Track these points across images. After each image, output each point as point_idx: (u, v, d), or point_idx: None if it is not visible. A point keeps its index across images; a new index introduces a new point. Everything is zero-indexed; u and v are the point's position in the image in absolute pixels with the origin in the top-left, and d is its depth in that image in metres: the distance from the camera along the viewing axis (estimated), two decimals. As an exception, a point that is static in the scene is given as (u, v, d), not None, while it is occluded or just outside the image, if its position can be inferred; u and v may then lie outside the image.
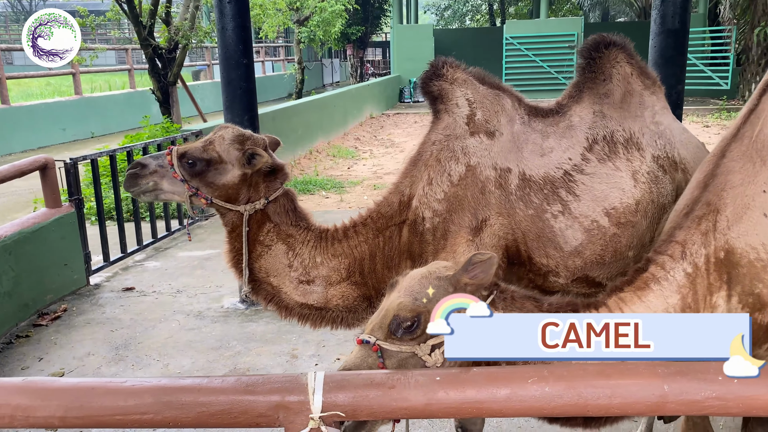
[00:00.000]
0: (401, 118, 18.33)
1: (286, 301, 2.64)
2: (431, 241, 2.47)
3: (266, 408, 1.48)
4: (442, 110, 2.61)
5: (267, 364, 4.28)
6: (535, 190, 2.51)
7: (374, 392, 1.47)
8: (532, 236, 2.48)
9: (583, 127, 2.68)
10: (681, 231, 1.95)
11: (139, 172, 2.54)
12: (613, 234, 2.52)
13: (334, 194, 9.26)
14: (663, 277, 1.90)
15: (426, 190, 2.50)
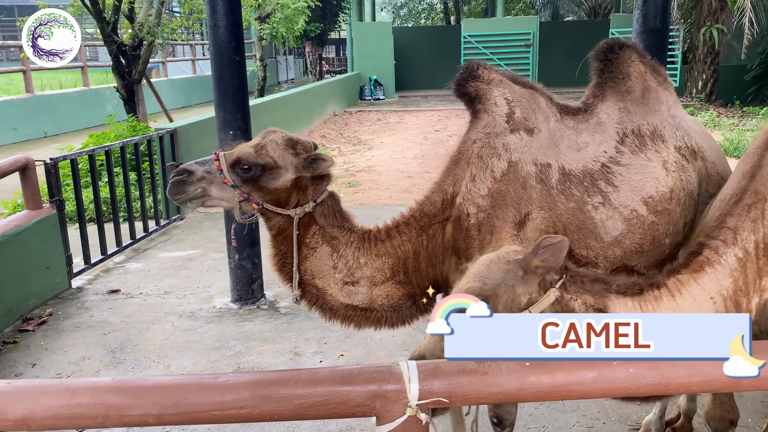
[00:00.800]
0: (364, 116, 18.35)
1: (330, 302, 2.64)
2: (476, 237, 2.53)
3: (364, 398, 1.51)
4: (480, 110, 2.67)
5: (271, 362, 4.27)
6: (575, 183, 2.60)
7: (468, 379, 1.53)
8: (573, 228, 2.56)
9: (612, 122, 2.79)
10: (732, 218, 2.08)
11: (187, 179, 2.47)
12: (651, 222, 2.63)
13: (309, 192, 9.23)
14: (716, 260, 2.02)
15: (470, 186, 2.55)
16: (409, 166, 10.96)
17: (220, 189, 2.49)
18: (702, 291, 2.01)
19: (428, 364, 1.57)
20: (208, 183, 2.48)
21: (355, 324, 2.70)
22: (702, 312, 2.00)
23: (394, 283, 2.60)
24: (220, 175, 2.46)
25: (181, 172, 2.51)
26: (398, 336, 4.59)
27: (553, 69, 24.41)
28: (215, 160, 2.49)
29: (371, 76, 22.32)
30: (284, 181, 2.51)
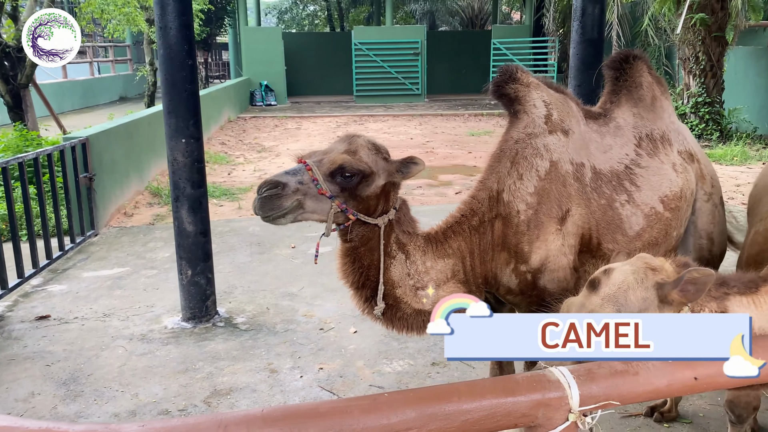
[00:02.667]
0: (260, 122, 17.95)
1: (404, 311, 2.55)
2: (526, 232, 2.58)
3: (528, 407, 1.49)
4: (520, 110, 2.72)
5: (248, 382, 4.06)
6: (605, 182, 2.75)
7: (621, 380, 1.55)
8: (603, 224, 2.70)
9: (629, 127, 2.98)
10: None
11: (281, 192, 2.27)
12: (666, 218, 2.84)
13: (228, 202, 8.89)
14: None
15: (518, 185, 2.60)
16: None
17: (315, 201, 2.31)
18: None
19: (579, 368, 1.58)
20: (303, 195, 2.29)
21: (419, 330, 2.62)
22: None
23: (456, 282, 2.59)
24: (316, 186, 2.30)
25: (273, 184, 2.27)
26: (372, 344, 4.54)
27: (439, 77, 25.29)
28: (308, 169, 2.31)
29: (262, 81, 21.89)
30: (376, 188, 2.40)
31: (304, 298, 5.40)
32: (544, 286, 2.61)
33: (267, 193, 2.28)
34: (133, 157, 8.90)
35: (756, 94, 14.39)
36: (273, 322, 4.95)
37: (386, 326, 2.63)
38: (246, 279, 5.87)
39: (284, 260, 6.37)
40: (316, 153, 2.44)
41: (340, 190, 2.34)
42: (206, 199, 4.90)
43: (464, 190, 9.42)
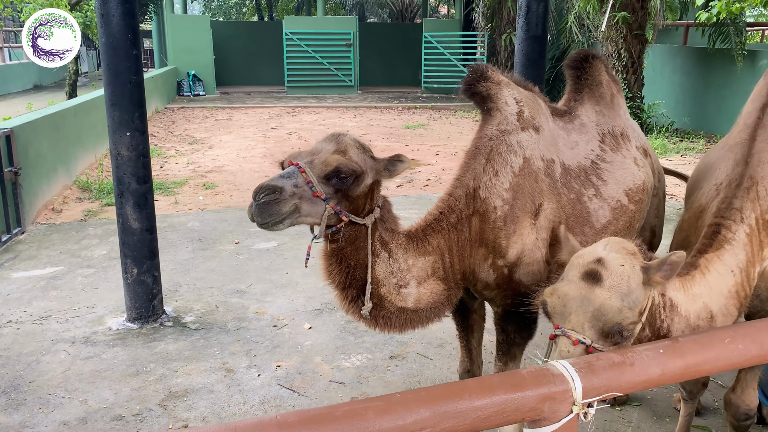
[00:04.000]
0: (189, 113, 17.41)
1: (388, 309, 2.52)
2: (503, 227, 2.62)
3: (536, 401, 1.53)
4: (493, 108, 2.75)
5: (204, 382, 3.95)
6: (573, 177, 2.83)
7: (620, 371, 1.62)
8: (573, 217, 2.78)
9: (592, 124, 3.07)
10: (737, 200, 2.45)
11: (279, 197, 2.18)
12: (631, 211, 2.96)
13: (163, 196, 8.58)
14: (732, 238, 2.37)
15: (494, 181, 2.63)
16: (261, 165, 10.67)
17: (310, 204, 2.24)
18: (724, 266, 2.34)
19: (579, 362, 1.63)
20: (299, 198, 2.21)
21: (401, 327, 2.62)
22: (725, 284, 2.32)
23: (435, 279, 2.60)
24: (311, 189, 2.23)
25: (270, 189, 2.18)
26: (328, 340, 4.51)
27: (371, 69, 25.31)
28: (301, 171, 2.23)
29: (189, 71, 21.23)
30: (365, 188, 2.36)
31: (254, 294, 5.31)
32: (519, 280, 2.67)
33: (265, 198, 2.18)
34: (60, 150, 8.45)
35: (672, 90, 15.22)
36: (224, 320, 4.83)
37: (370, 326, 2.61)
38: (191, 276, 5.70)
39: (229, 256, 6.22)
40: (302, 153, 2.38)
41: (333, 192, 2.30)
42: (152, 194, 4.72)
43: (405, 183, 9.49)
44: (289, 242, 6.59)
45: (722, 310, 2.34)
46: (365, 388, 3.91)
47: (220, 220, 7.43)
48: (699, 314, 2.28)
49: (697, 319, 2.27)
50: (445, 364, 4.20)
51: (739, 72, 13.08)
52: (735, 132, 2.83)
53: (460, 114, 18.03)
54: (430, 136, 14.17)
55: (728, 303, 2.36)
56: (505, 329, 2.80)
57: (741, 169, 2.58)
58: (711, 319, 2.31)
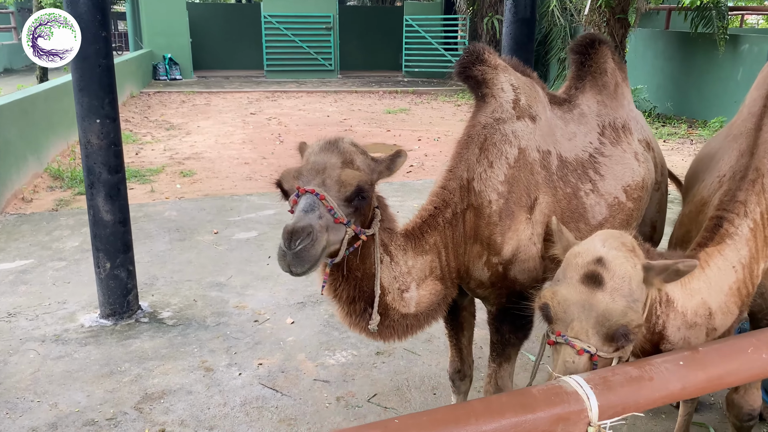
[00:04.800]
0: (166, 98, 16.98)
1: (391, 317, 2.33)
2: (498, 222, 2.46)
3: (548, 423, 1.39)
4: (488, 94, 2.58)
5: (182, 383, 3.77)
6: (570, 170, 2.68)
7: (638, 387, 1.48)
8: (568, 213, 2.63)
9: (593, 114, 2.92)
10: (741, 192, 2.31)
11: (314, 238, 1.93)
12: (629, 208, 2.81)
13: (139, 184, 8.31)
14: (734, 232, 2.23)
15: (489, 173, 2.47)
16: (241, 152, 10.41)
17: (334, 232, 2.03)
18: (725, 261, 2.21)
19: (593, 377, 1.48)
20: (326, 231, 2.00)
21: (403, 334, 2.43)
22: (726, 280, 2.19)
23: (433, 279, 2.43)
24: (333, 215, 2.00)
25: (303, 233, 1.91)
26: (311, 335, 4.35)
27: (352, 53, 24.93)
28: (321, 198, 1.99)
29: (165, 54, 20.70)
30: (371, 196, 2.17)
31: (234, 287, 5.12)
32: (515, 277, 2.52)
33: (301, 245, 1.92)
34: (29, 137, 8.12)
35: (654, 75, 15.16)
36: (202, 315, 4.64)
37: (373, 338, 2.41)
38: (168, 269, 5.48)
39: (207, 247, 6.01)
40: (304, 172, 2.09)
41: (353, 212, 2.09)
42: (125, 185, 4.49)
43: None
44: (269, 232, 6.39)
45: (722, 308, 2.21)
46: (351, 386, 3.76)
47: (198, 209, 7.20)
48: (697, 311, 2.15)
49: (695, 316, 2.15)
50: (433, 360, 4.06)
51: (721, 57, 13.04)
52: (739, 121, 2.70)
53: (442, 98, 17.83)
54: (412, 121, 13.97)
55: (728, 300, 2.23)
56: (499, 329, 2.65)
57: (746, 161, 2.44)
58: (709, 316, 2.18)
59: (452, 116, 14.73)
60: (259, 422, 3.42)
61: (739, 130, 2.61)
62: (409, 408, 3.56)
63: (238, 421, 3.42)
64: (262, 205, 7.36)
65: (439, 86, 20.18)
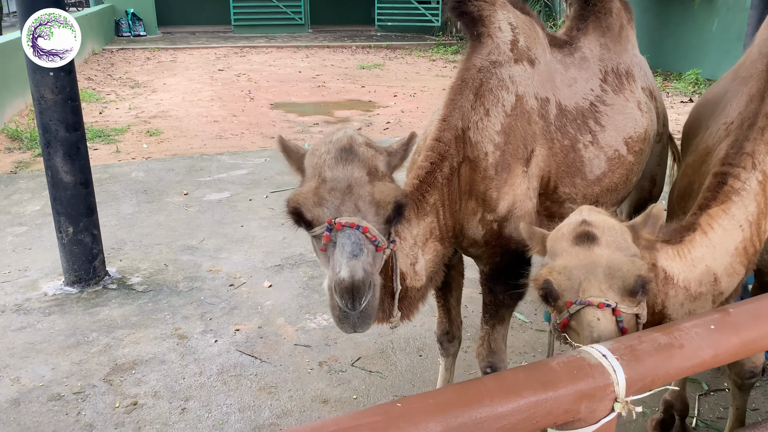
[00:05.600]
0: (130, 54, 16.30)
1: (409, 296, 2.14)
2: (494, 177, 2.26)
3: (570, 401, 1.22)
4: (484, 33, 2.34)
5: (155, 352, 3.57)
6: (569, 120, 2.48)
7: (668, 356, 1.32)
8: (564, 167, 2.45)
9: (595, 59, 2.70)
10: (748, 143, 2.11)
11: (375, 283, 1.69)
12: (629, 163, 2.63)
13: (103, 144, 7.93)
14: (741, 188, 2.05)
15: (485, 122, 2.25)
16: (210, 109, 10.01)
17: (379, 261, 1.81)
18: (732, 220, 2.04)
19: (618, 346, 1.31)
20: (374, 269, 1.75)
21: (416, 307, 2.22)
22: (732, 241, 2.03)
23: (433, 241, 2.21)
24: (376, 245, 1.75)
25: (364, 287, 1.63)
26: (290, 298, 4.16)
27: (322, 6, 24.18)
28: (364, 231, 1.71)
29: (128, 9, 19.84)
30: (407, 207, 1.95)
31: (207, 251, 4.88)
32: (509, 235, 2.34)
33: (366, 302, 1.65)
34: (-18, 96, 7.65)
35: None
36: (174, 280, 4.41)
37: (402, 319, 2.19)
38: (136, 232, 5.21)
39: (177, 209, 5.74)
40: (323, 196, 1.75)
41: (387, 230, 1.84)
42: (84, 143, 4.18)
43: (364, 127, 9.04)
44: (242, 192, 6.13)
45: (727, 270, 2.04)
46: (333, 350, 3.60)
47: (166, 169, 6.88)
48: (701, 280, 1.98)
49: (699, 286, 1.98)
50: (418, 321, 3.91)
51: (696, 8, 12.85)
52: (747, 62, 2.50)
53: (416, 53, 17.43)
54: (387, 76, 13.61)
55: (734, 261, 2.06)
56: (492, 290, 2.48)
57: (755, 106, 2.24)
58: (715, 282, 2.02)
59: (427, 71, 14.40)
60: (237, 391, 3.25)
61: (749, 72, 2.42)
62: (395, 371, 3.41)
63: (215, 391, 3.25)
64: (234, 164, 7.07)
65: (413, 41, 19.72)
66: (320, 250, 1.77)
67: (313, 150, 1.87)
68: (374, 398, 3.20)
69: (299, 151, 1.94)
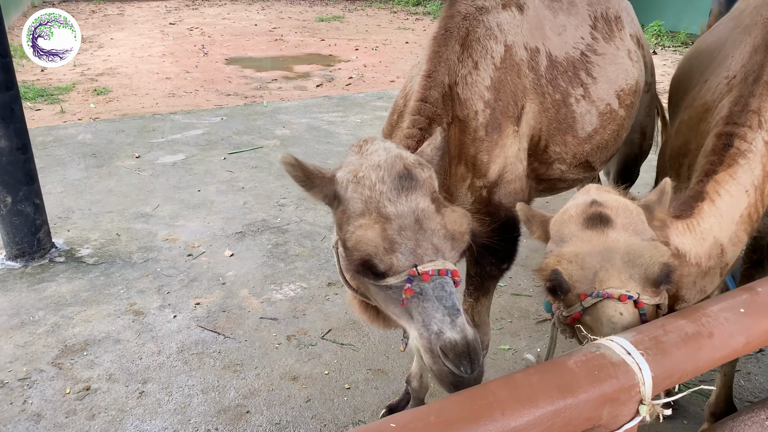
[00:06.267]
0: (72, 7, 15.31)
1: None
2: (485, 138, 2.04)
3: (592, 408, 1.05)
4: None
5: (108, 330, 3.31)
6: (560, 71, 2.27)
7: (696, 347, 1.15)
8: (555, 123, 2.25)
9: (583, 3, 2.48)
10: (754, 99, 1.93)
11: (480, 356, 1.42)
12: (621, 117, 2.45)
13: (46, 105, 7.40)
14: (747, 149, 1.87)
15: (474, 76, 2.02)
16: (161, 66, 9.47)
17: None
18: (738, 185, 1.87)
19: (642, 338, 1.13)
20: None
21: None
22: (738, 207, 1.87)
23: None
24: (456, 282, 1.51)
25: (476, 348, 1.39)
26: (254, 268, 3.93)
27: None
28: (453, 275, 1.46)
29: (69, -42, 18.58)
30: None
31: (162, 218, 4.58)
32: (499, 202, 2.14)
33: (481, 364, 1.39)
34: None
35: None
36: (128, 251, 4.12)
37: None
38: (85, 200, 4.86)
39: (129, 173, 5.38)
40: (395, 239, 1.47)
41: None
42: (20, 104, 3.80)
43: (325, 83, 8.68)
44: (198, 154, 5.79)
45: (732, 240, 1.88)
46: (302, 323, 3.40)
47: (116, 130, 6.46)
48: (710, 254, 1.81)
49: (708, 260, 1.81)
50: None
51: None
52: (750, 8, 2.30)
53: (377, 5, 16.87)
54: (347, 29, 13.13)
55: (739, 230, 1.90)
56: (479, 261, 2.29)
57: (761, 58, 2.05)
58: (722, 254, 1.85)
59: (389, 24, 13.95)
60: (200, 370, 3.03)
61: (752, 20, 2.22)
62: (368, 343, 3.24)
63: (175, 371, 3.02)
64: (189, 124, 6.69)
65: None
66: (399, 305, 1.47)
67: (359, 179, 1.53)
68: (347, 373, 3.03)
69: (322, 173, 1.60)
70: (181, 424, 2.71)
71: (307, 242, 4.23)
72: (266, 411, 2.78)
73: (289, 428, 2.70)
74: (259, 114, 7.09)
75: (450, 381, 1.37)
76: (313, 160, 5.74)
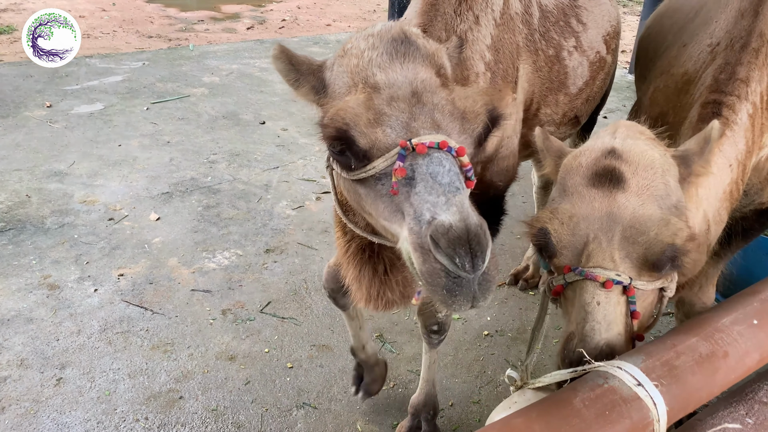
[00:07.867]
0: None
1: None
2: None
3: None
4: None
5: (19, 308, 2.97)
6: (552, 23, 2.10)
7: (711, 370, 1.01)
8: (548, 83, 2.10)
9: None
10: (742, 67, 1.78)
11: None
12: (608, 64, 2.38)
13: (-60, 45, 6.61)
14: (734, 120, 1.75)
15: (476, 32, 1.77)
16: (73, 2, 8.62)
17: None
18: (723, 159, 1.74)
19: (653, 364, 0.97)
20: None
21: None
22: (722, 182, 1.74)
23: None
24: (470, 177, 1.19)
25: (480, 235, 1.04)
26: (184, 234, 3.62)
27: None
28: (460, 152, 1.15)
29: None
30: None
31: (79, 177, 4.15)
32: (491, 180, 1.96)
33: (489, 260, 1.04)
34: None
35: None
36: (40, 215, 3.71)
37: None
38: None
39: (40, 125, 4.86)
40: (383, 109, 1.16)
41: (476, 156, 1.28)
42: None
43: (256, 25, 8.14)
44: (118, 104, 5.30)
45: (715, 218, 1.75)
46: (238, 295, 3.15)
47: (23, 75, 5.83)
48: (701, 227, 1.67)
49: (699, 235, 1.68)
50: (332, 255, 3.51)
51: None
52: None
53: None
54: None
55: (721, 207, 1.77)
56: None
57: (748, 23, 1.89)
58: (708, 230, 1.73)
59: (322, -38, 13.25)
60: (126, 351, 2.76)
61: None
62: (311, 316, 3.04)
63: (98, 353, 2.74)
64: (106, 69, 6.12)
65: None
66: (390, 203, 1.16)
67: (346, 51, 1.25)
68: (289, 350, 2.83)
69: (311, 62, 1.31)
70: (105, 414, 2.45)
71: (242, 204, 3.93)
72: (201, 396, 2.56)
73: (227, 414, 2.49)
74: (185, 59, 6.57)
75: (443, 284, 1.04)
76: (245, 111, 5.32)
